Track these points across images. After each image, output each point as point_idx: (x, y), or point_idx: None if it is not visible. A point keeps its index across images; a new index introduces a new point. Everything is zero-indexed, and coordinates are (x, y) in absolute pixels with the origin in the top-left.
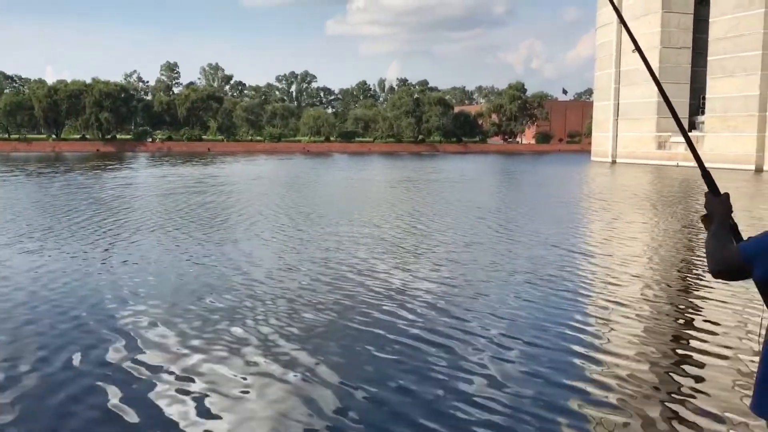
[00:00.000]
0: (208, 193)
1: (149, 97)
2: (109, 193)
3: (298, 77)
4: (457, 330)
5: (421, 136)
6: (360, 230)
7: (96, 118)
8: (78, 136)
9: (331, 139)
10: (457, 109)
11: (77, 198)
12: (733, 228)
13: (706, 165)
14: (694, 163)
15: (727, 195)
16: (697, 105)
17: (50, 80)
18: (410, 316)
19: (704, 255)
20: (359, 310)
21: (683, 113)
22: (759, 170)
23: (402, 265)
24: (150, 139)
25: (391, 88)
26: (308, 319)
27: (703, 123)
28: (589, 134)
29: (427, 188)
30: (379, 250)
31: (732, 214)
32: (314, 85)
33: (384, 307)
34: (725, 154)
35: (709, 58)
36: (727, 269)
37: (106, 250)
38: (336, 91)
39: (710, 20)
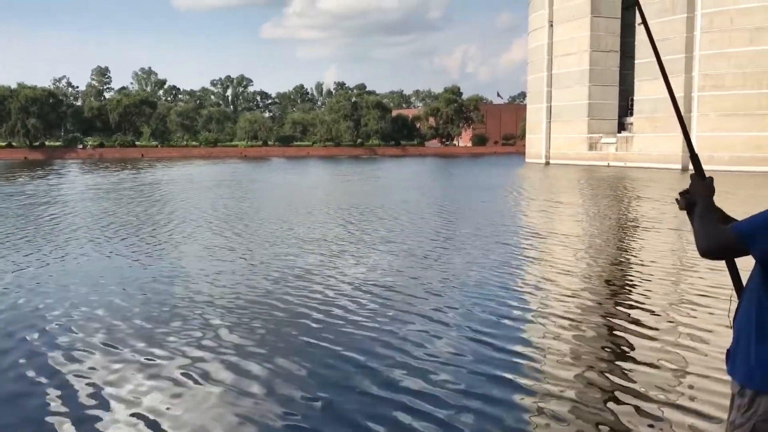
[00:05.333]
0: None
1: (79, 103)
2: None
3: (234, 81)
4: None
5: (359, 140)
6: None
7: (23, 124)
8: (4, 144)
9: (269, 143)
10: (395, 113)
11: None
12: (717, 210)
13: (635, 165)
14: (623, 163)
15: (711, 179)
16: (626, 107)
17: None
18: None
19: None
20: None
21: (612, 115)
22: (685, 169)
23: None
24: (81, 146)
25: (329, 92)
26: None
27: (631, 124)
28: (523, 136)
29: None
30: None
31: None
32: (251, 89)
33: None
34: (653, 154)
35: (636, 61)
36: (718, 248)
37: None
38: (273, 95)
39: (636, 24)
